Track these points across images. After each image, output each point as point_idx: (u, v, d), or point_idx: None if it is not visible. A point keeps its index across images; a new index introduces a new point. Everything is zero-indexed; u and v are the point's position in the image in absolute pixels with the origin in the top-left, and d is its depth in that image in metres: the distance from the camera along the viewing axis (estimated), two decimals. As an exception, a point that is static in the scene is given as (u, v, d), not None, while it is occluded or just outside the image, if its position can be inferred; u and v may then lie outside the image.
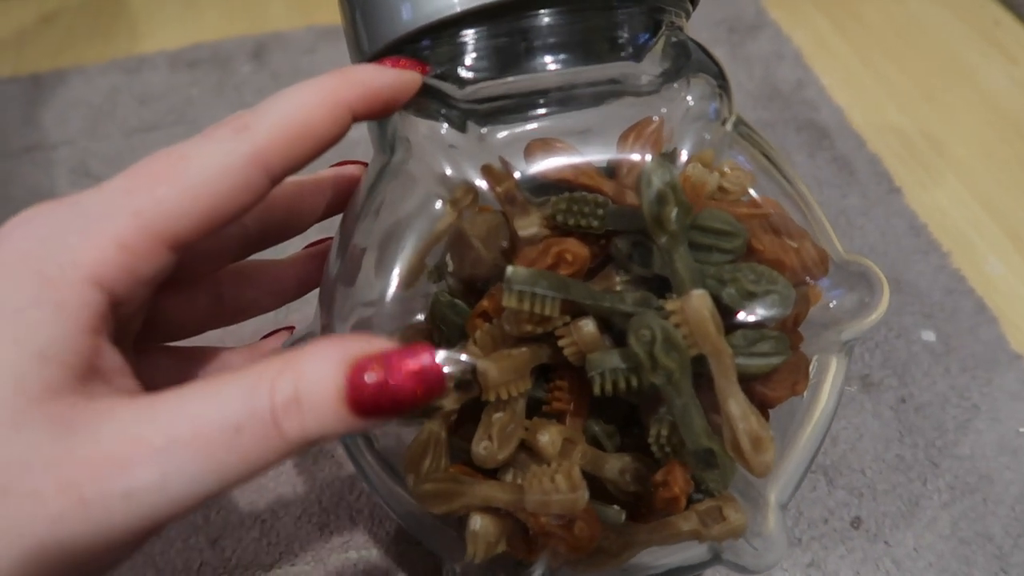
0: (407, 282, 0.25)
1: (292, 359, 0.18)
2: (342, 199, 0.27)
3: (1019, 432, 0.35)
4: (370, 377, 0.17)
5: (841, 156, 0.46)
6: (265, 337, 0.29)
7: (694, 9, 0.27)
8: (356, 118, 0.21)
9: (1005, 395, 0.36)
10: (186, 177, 0.19)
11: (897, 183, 0.45)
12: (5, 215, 0.20)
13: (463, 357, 0.22)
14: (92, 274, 0.18)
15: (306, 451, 0.18)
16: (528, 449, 0.23)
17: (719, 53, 0.25)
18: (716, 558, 0.25)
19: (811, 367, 0.24)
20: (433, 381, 0.18)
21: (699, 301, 0.21)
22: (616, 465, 0.23)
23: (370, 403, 0.17)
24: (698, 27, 0.26)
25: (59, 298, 0.18)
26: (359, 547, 0.32)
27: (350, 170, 0.27)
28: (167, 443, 0.17)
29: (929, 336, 0.38)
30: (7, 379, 0.17)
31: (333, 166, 0.28)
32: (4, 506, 0.17)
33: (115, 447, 0.17)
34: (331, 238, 0.27)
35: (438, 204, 0.23)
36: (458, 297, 0.24)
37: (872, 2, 0.57)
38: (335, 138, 0.21)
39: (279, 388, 0.17)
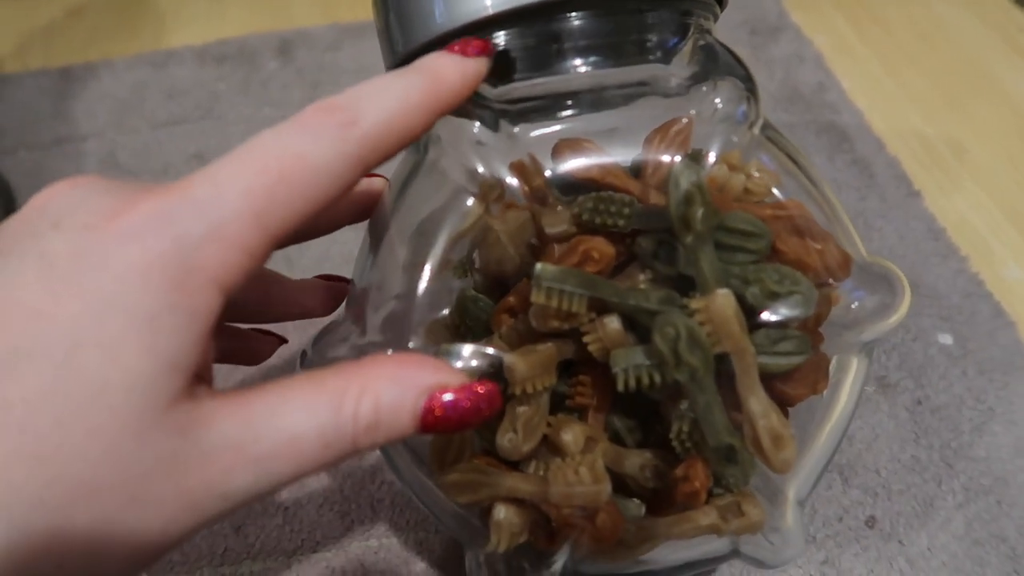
0: (435, 276, 0.25)
1: (372, 380, 0.20)
2: (364, 210, 0.28)
3: (1034, 435, 0.35)
4: (441, 406, 0.20)
5: (861, 159, 0.47)
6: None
7: (722, 11, 0.27)
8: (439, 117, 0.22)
9: (1021, 399, 0.36)
10: (302, 177, 0.19)
11: (916, 187, 0.45)
12: None
13: (490, 351, 0.22)
14: (218, 278, 0.18)
15: None
16: (551, 442, 0.23)
17: (741, 54, 0.25)
18: (734, 552, 0.25)
19: (831, 367, 0.24)
20: (494, 407, 0.20)
21: (724, 300, 0.21)
22: (637, 461, 0.23)
23: (438, 426, 0.20)
24: (720, 28, 0.26)
25: (190, 304, 0.18)
26: (380, 535, 0.33)
27: (378, 183, 0.28)
28: (267, 455, 0.19)
29: (946, 339, 0.39)
30: (140, 391, 0.17)
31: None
32: (131, 511, 0.17)
33: (221, 457, 0.18)
34: (347, 280, 0.29)
35: (469, 201, 0.24)
36: (483, 292, 0.25)
37: (894, 6, 0.57)
38: (420, 136, 0.21)
39: (362, 413, 0.19)
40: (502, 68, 0.24)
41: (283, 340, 0.32)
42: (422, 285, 0.24)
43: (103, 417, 0.17)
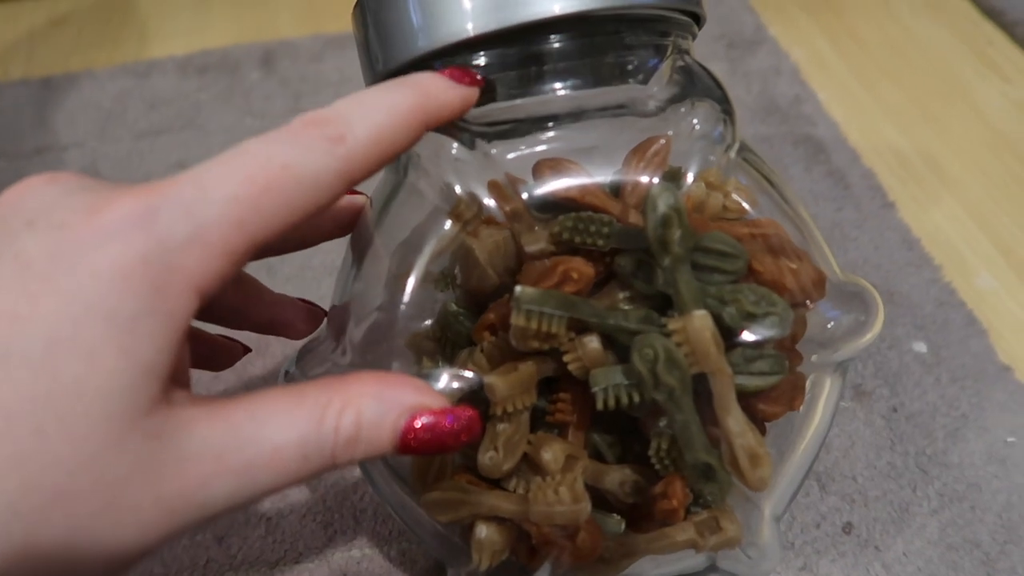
0: (416, 291, 0.25)
1: (353, 395, 0.20)
2: (345, 225, 0.28)
3: (1006, 442, 0.36)
4: (421, 427, 0.20)
5: (837, 170, 0.47)
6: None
7: (700, 29, 0.27)
8: (426, 131, 0.22)
9: (993, 406, 0.37)
10: (286, 188, 0.19)
11: (891, 198, 0.46)
12: None
13: (469, 374, 0.23)
14: (197, 283, 0.18)
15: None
16: (532, 460, 0.24)
17: (718, 68, 0.25)
18: (712, 567, 0.25)
19: (807, 383, 0.24)
20: (473, 433, 0.21)
21: (701, 322, 0.21)
22: (616, 477, 0.24)
23: (417, 447, 0.20)
24: (698, 42, 0.26)
25: (168, 308, 0.18)
26: (363, 546, 0.33)
27: (360, 199, 0.28)
28: (246, 466, 0.19)
29: (920, 347, 0.39)
30: (118, 396, 0.17)
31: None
32: (107, 518, 0.17)
33: (200, 465, 0.18)
34: (325, 311, 0.29)
35: (447, 224, 0.24)
36: (465, 307, 0.25)
37: (868, 20, 0.58)
38: (406, 150, 0.21)
39: (343, 426, 0.19)
40: (481, 90, 0.24)
41: (248, 349, 0.31)
42: (404, 300, 0.24)
43: (80, 423, 0.17)
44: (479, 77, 0.23)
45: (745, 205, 0.24)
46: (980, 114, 0.51)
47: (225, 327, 0.29)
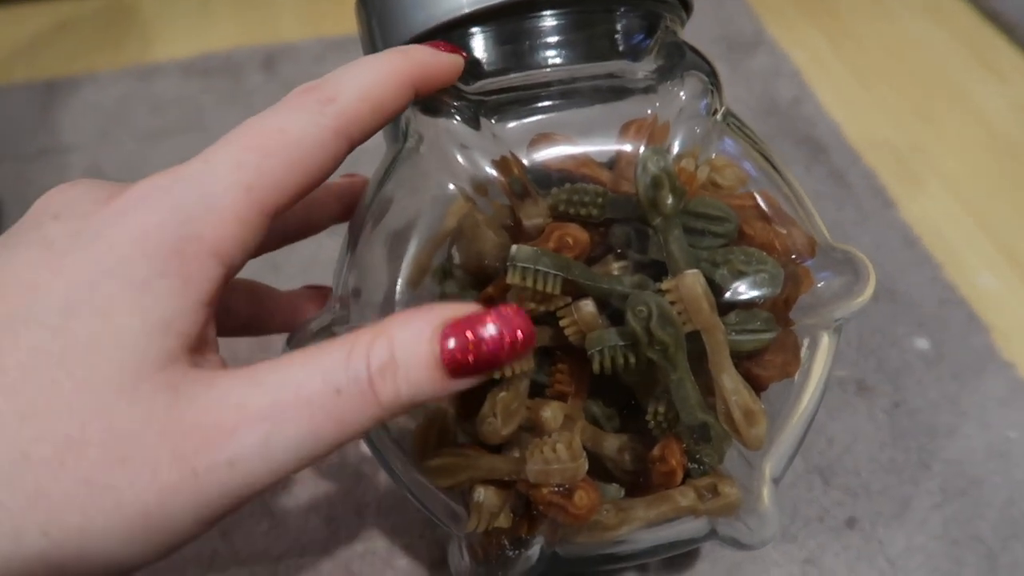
0: (414, 280, 0.25)
1: (384, 326, 0.18)
2: (349, 208, 0.28)
3: (1007, 437, 0.35)
4: (462, 339, 0.18)
5: (837, 170, 0.47)
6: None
7: (688, 17, 0.28)
8: (416, 95, 0.22)
9: (994, 402, 0.37)
10: (286, 150, 0.19)
11: (891, 197, 0.46)
12: (20, 215, 0.20)
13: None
14: (215, 248, 0.18)
15: (398, 416, 0.19)
16: (531, 429, 0.24)
17: (718, 68, 0.26)
18: (712, 533, 0.25)
19: (802, 350, 0.24)
20: (522, 336, 0.18)
21: (692, 279, 0.21)
22: (615, 443, 0.24)
23: (463, 363, 0.18)
24: (698, 43, 0.27)
25: (185, 271, 0.18)
26: (366, 539, 0.33)
27: (359, 180, 0.29)
28: (271, 407, 0.17)
29: (922, 344, 0.39)
30: (130, 348, 0.17)
31: (343, 177, 0.29)
32: (121, 472, 0.17)
33: (222, 414, 0.17)
34: (329, 288, 0.29)
35: (451, 186, 0.24)
36: (465, 290, 0.25)
37: (867, 22, 0.58)
38: (399, 111, 0.22)
39: (375, 353, 0.18)
40: (476, 65, 0.25)
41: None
42: (403, 273, 0.24)
43: (93, 374, 0.17)
44: (457, 48, 0.24)
45: (739, 181, 0.25)
46: (978, 114, 0.51)
47: (252, 336, 0.29)
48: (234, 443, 0.17)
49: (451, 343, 0.18)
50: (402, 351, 0.18)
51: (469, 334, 0.18)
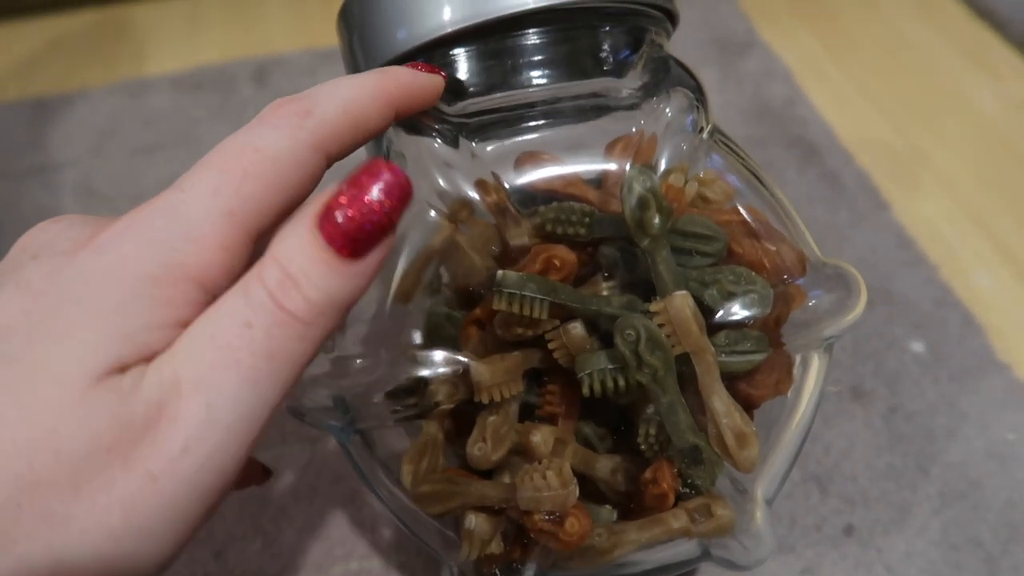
0: (404, 296, 0.25)
1: (266, 253, 0.18)
2: None
3: (1006, 439, 0.35)
4: (340, 213, 0.18)
5: (830, 172, 0.47)
6: None
7: (674, 29, 0.28)
8: (397, 115, 0.22)
9: (992, 403, 0.37)
10: (264, 170, 0.19)
11: (886, 198, 0.46)
12: (12, 233, 0.20)
13: (461, 357, 0.23)
14: (198, 276, 0.18)
15: (329, 332, 0.18)
16: (521, 452, 0.24)
17: (710, 71, 0.26)
18: (706, 554, 0.25)
19: (794, 367, 0.24)
20: (399, 185, 0.18)
21: (681, 301, 0.21)
22: (607, 465, 0.24)
23: (352, 236, 0.18)
24: (690, 46, 0.27)
25: (162, 294, 0.18)
26: (360, 558, 0.33)
27: None
28: (196, 372, 0.17)
29: (918, 347, 0.39)
30: (76, 359, 0.17)
31: None
32: (77, 502, 0.16)
33: (160, 405, 0.17)
34: None
35: (432, 214, 0.24)
36: (453, 309, 0.25)
37: (860, 22, 0.58)
38: (379, 131, 0.22)
39: (267, 275, 0.18)
40: (459, 85, 0.25)
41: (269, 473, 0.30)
42: (393, 289, 0.24)
43: (34, 398, 0.16)
44: (437, 68, 0.24)
45: (726, 196, 0.24)
46: (972, 113, 0.51)
47: None
48: (180, 426, 0.17)
49: (329, 223, 0.18)
50: (290, 261, 0.18)
51: (343, 202, 0.18)
